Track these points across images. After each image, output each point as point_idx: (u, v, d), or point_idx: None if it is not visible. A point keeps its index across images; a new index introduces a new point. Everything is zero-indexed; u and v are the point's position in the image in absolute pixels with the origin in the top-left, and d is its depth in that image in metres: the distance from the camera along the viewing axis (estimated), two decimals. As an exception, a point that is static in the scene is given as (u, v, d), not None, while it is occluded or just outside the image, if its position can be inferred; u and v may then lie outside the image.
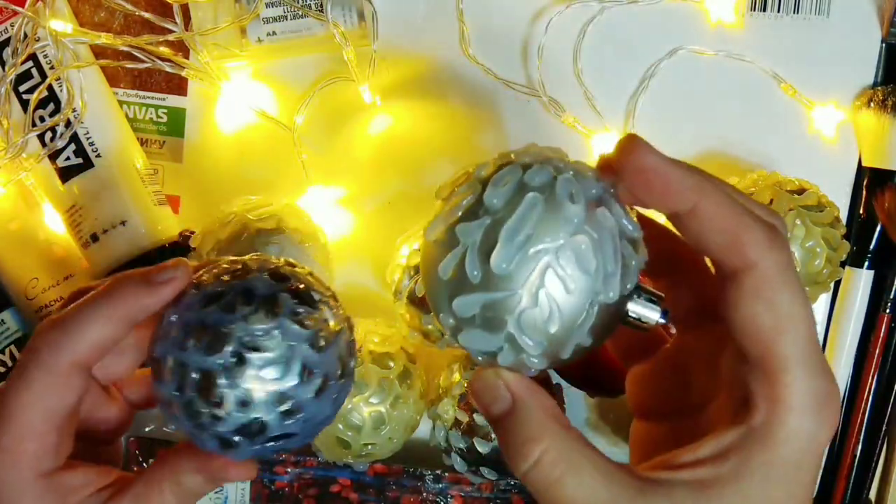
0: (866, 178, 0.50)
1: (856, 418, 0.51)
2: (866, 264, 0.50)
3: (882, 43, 0.50)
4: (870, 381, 0.50)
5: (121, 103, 0.52)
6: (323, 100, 0.51)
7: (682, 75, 0.51)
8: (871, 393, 0.51)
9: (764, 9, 0.50)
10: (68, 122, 0.49)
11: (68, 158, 0.50)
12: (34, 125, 0.49)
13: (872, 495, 0.52)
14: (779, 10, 0.50)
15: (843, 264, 0.46)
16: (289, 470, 0.51)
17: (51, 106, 0.50)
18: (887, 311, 0.50)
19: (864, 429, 0.51)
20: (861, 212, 0.50)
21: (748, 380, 0.26)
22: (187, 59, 0.51)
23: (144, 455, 0.52)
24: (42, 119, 0.50)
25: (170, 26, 0.50)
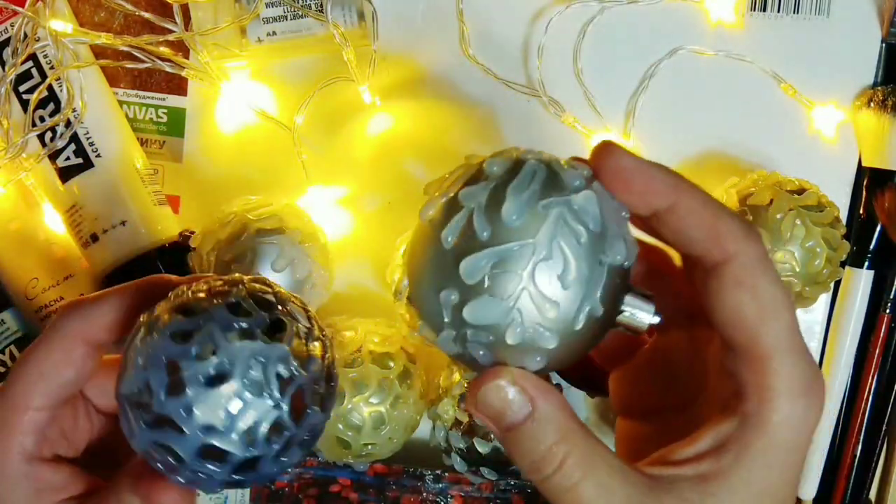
0: (866, 178, 0.50)
1: (856, 418, 0.51)
2: (866, 264, 0.50)
3: (882, 43, 0.50)
4: (870, 381, 0.50)
5: (121, 103, 0.52)
6: (323, 100, 0.50)
7: (682, 75, 0.51)
8: (871, 393, 0.51)
9: (764, 9, 0.50)
10: (68, 122, 0.49)
11: (68, 158, 0.50)
12: (34, 125, 0.49)
13: (872, 495, 0.52)
14: (779, 11, 0.50)
15: (843, 264, 0.46)
16: (289, 470, 0.51)
17: (51, 106, 0.50)
18: (887, 311, 0.50)
19: (864, 429, 0.51)
20: (861, 212, 0.50)
21: (736, 370, 0.26)
22: (187, 59, 0.51)
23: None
24: (42, 119, 0.50)
25: (170, 26, 0.50)
